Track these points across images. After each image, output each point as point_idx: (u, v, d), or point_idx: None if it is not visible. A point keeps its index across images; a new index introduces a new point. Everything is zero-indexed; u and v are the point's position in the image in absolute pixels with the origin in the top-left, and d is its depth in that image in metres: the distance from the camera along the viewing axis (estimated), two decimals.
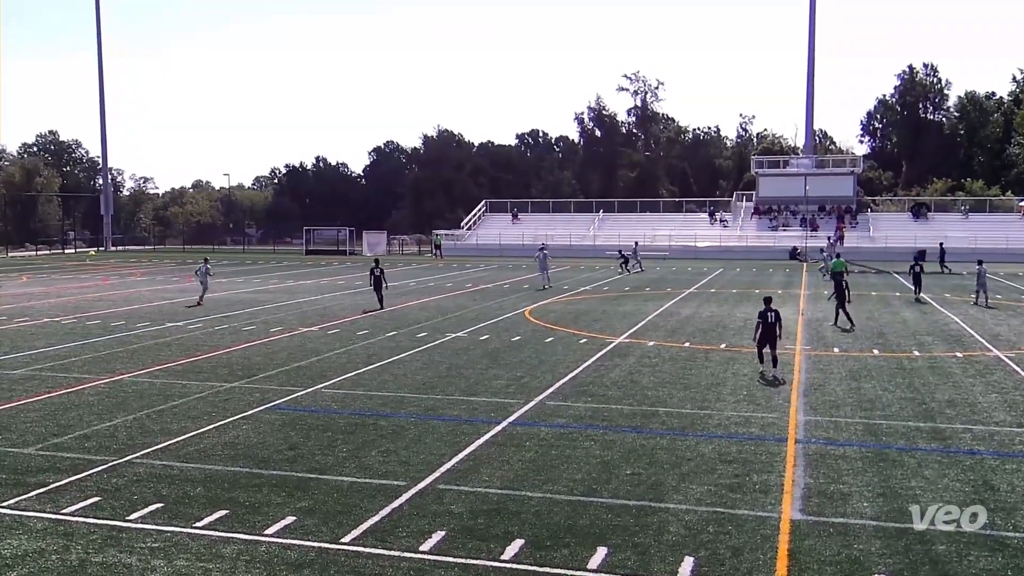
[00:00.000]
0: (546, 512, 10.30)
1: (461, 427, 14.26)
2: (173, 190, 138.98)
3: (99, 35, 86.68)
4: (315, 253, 75.96)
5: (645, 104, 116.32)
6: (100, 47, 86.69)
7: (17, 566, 8.74)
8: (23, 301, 34.33)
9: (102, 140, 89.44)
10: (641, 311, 30.34)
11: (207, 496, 10.83)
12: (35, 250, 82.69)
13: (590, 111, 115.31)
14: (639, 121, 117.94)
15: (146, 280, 45.40)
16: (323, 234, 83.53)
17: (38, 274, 51.43)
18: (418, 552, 9.10)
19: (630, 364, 19.96)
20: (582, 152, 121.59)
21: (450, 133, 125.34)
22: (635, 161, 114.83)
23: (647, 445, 13.21)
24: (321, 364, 19.93)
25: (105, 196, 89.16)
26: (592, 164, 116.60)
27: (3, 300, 34.77)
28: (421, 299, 34.81)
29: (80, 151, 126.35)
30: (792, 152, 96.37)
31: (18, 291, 39.15)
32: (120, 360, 20.40)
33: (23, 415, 15.00)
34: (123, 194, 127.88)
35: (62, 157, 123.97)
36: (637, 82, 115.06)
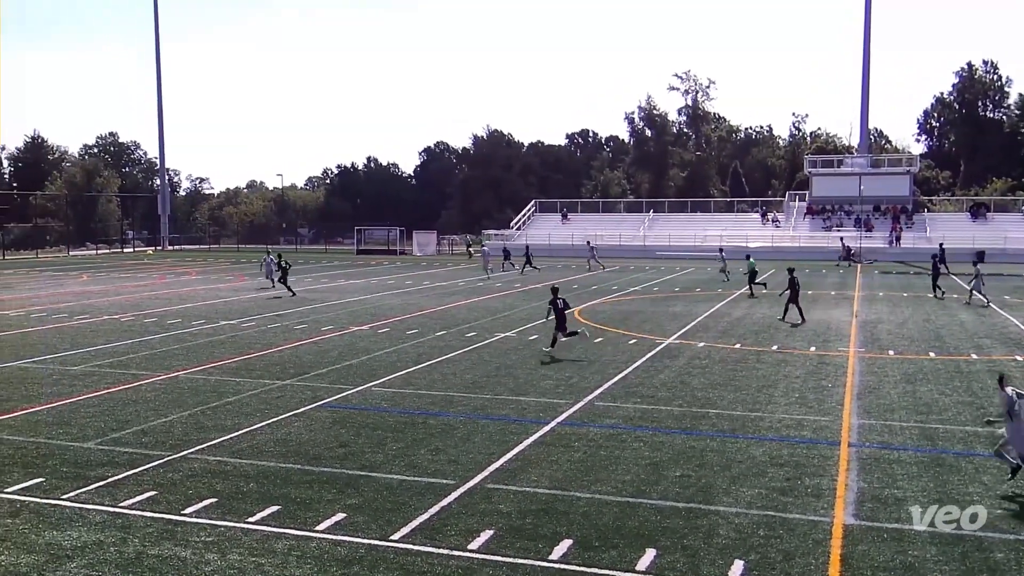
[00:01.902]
0: (594, 513, 10.28)
1: (510, 427, 14.29)
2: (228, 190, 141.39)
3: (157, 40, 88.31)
4: (366, 253, 76.63)
5: (696, 103, 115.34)
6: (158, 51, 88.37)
7: (77, 557, 8.96)
8: (84, 299, 35.18)
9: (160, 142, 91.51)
10: (691, 312, 30.10)
11: (259, 492, 11.00)
12: (95, 249, 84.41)
13: (640, 111, 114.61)
14: (690, 120, 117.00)
15: (201, 279, 46.20)
16: (373, 234, 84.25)
17: (98, 273, 52.64)
18: (466, 551, 9.14)
19: (680, 365, 19.82)
20: (632, 152, 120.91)
21: (500, 133, 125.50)
22: (686, 161, 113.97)
23: (697, 447, 13.11)
24: (371, 363, 20.11)
25: (162, 196, 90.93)
26: (642, 164, 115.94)
27: (65, 298, 35.68)
28: (470, 299, 34.94)
29: (139, 152, 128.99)
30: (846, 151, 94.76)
31: (79, 289, 40.13)
32: (176, 357, 20.81)
33: (83, 410, 15.37)
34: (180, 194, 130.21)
35: (121, 158, 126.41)
36: (688, 81, 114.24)
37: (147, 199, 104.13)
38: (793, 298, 27.82)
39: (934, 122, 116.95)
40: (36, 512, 10.27)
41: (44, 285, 42.56)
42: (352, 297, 35.86)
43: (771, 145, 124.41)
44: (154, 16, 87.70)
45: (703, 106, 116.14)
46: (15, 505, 10.50)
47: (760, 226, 76.55)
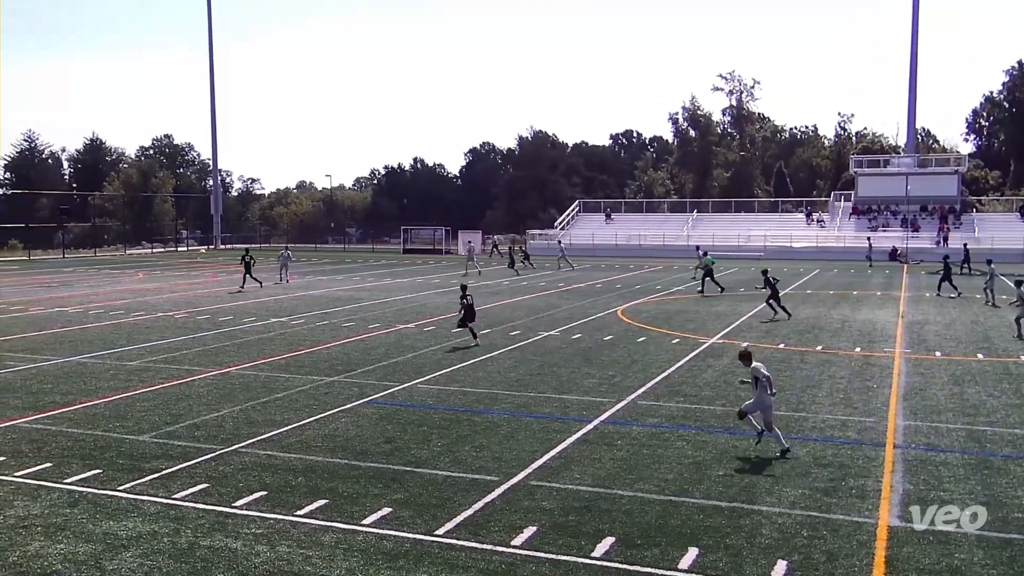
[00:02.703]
0: (637, 511, 10.33)
1: (553, 424, 14.39)
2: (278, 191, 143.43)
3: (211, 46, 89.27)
4: (412, 252, 77.10)
5: (740, 103, 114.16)
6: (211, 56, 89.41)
7: (132, 547, 9.22)
8: (139, 296, 35.94)
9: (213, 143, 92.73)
10: (735, 312, 29.93)
11: (308, 486, 11.21)
12: (151, 248, 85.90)
13: (684, 111, 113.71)
14: (734, 120, 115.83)
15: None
16: (419, 234, 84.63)
17: (153, 271, 53.67)
18: (509, 547, 9.23)
19: (723, 365, 19.76)
20: (676, 152, 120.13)
21: (544, 134, 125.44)
22: (730, 161, 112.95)
23: (740, 446, 13.09)
24: (417, 360, 20.34)
25: (215, 196, 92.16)
26: (686, 164, 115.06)
27: (121, 295, 36.48)
28: (513, 298, 35.08)
29: (192, 154, 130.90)
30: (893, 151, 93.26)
31: (135, 287, 40.98)
32: (227, 353, 21.22)
33: (139, 404, 15.78)
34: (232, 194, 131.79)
35: (176, 159, 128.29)
36: (732, 81, 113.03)
37: (200, 199, 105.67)
38: (774, 296, 28.38)
39: (983, 121, 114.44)
40: (93, 503, 10.59)
41: (102, 283, 43.52)
42: (398, 296, 36.20)
43: (816, 145, 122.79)
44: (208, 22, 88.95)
45: (747, 106, 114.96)
46: (74, 495, 10.84)
47: (805, 226, 75.62)
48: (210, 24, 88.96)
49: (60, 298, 35.55)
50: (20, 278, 47.64)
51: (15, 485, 11.23)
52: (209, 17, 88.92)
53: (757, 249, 67.20)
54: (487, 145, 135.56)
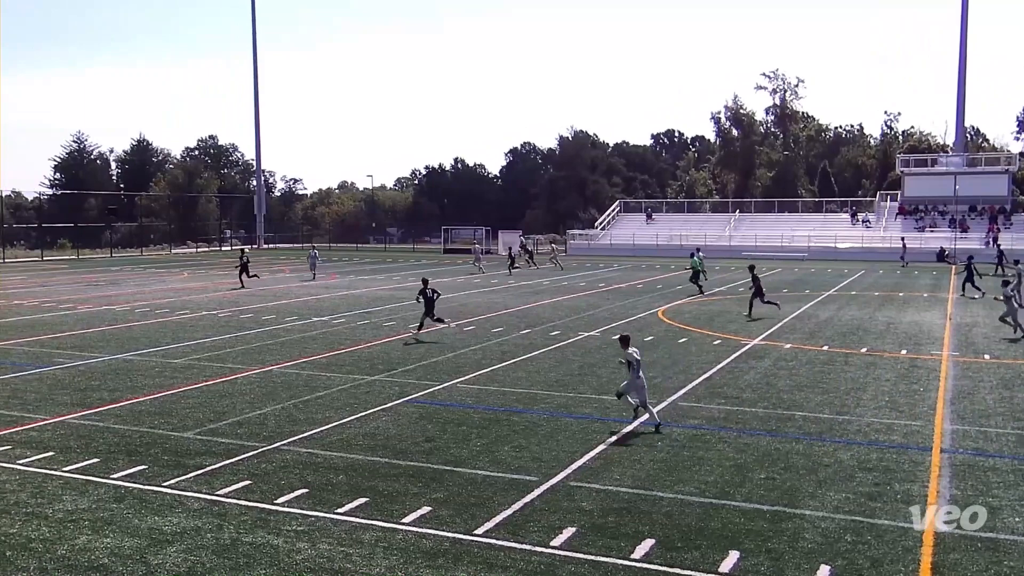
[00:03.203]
0: (677, 513, 10.25)
1: (593, 425, 14.34)
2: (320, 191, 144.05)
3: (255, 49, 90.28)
4: (452, 252, 77.30)
5: (784, 102, 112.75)
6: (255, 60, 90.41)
7: (176, 542, 9.34)
8: (184, 295, 36.48)
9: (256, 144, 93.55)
10: (778, 313, 29.56)
11: (348, 484, 11.28)
12: (195, 247, 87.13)
13: (727, 110, 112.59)
14: (777, 120, 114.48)
15: (294, 276, 47.37)
16: (460, 234, 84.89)
17: (197, 270, 54.46)
18: (548, 547, 9.20)
19: (766, 367, 19.55)
20: (718, 152, 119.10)
21: (585, 134, 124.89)
22: (773, 160, 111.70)
23: (782, 449, 12.95)
24: (457, 360, 20.39)
25: (258, 196, 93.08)
26: (728, 164, 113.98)
27: (167, 294, 37.05)
28: (554, 298, 35.03)
29: (236, 154, 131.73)
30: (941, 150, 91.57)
31: (179, 286, 41.61)
32: (270, 352, 21.45)
33: (183, 401, 16.01)
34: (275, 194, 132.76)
35: (220, 160, 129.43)
36: (776, 80, 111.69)
37: (244, 199, 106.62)
38: (756, 294, 28.85)
39: None
40: (139, 498, 10.75)
41: (148, 282, 44.24)
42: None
43: (862, 144, 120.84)
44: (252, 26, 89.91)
45: (791, 105, 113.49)
46: (120, 491, 11.02)
47: (850, 227, 74.59)
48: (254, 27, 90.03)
49: (108, 296, 36.21)
50: (69, 276, 48.64)
51: (64, 480, 11.44)
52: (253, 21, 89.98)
53: (800, 250, 66.44)
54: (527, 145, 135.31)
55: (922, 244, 64.69)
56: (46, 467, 11.98)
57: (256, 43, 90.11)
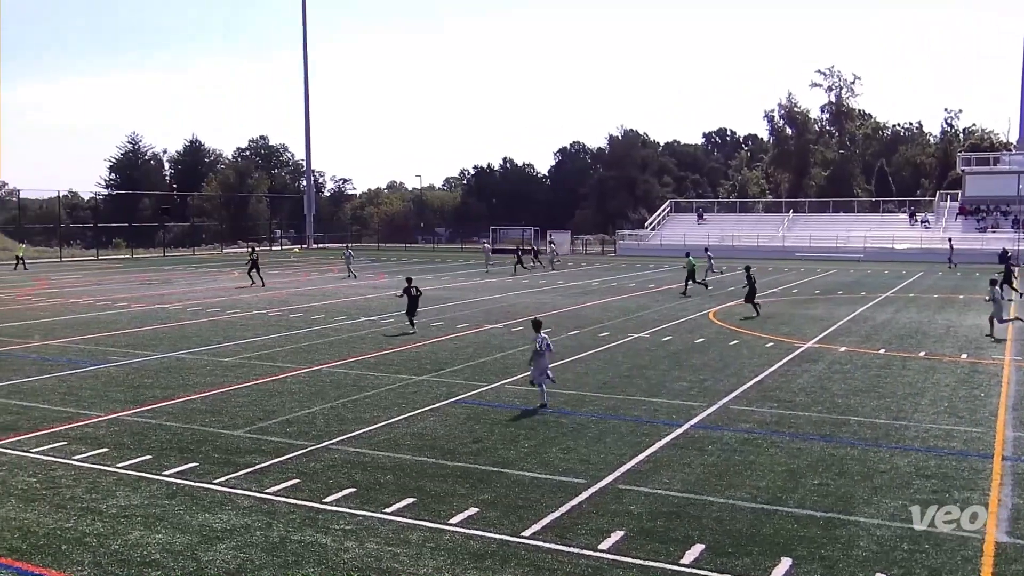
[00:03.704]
0: (728, 518, 10.08)
1: (642, 428, 14.19)
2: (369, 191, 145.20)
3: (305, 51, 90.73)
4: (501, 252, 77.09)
5: (840, 100, 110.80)
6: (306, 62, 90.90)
7: (226, 539, 9.42)
8: (235, 295, 36.97)
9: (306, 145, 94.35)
10: (832, 315, 29.08)
11: (396, 483, 11.28)
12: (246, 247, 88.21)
13: (780, 108, 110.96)
14: (833, 118, 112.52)
15: (343, 276, 47.74)
16: (508, 234, 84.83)
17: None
18: (596, 551, 9.11)
19: (819, 370, 19.19)
20: (771, 150, 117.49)
21: (635, 133, 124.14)
22: (828, 159, 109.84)
23: (836, 455, 12.67)
24: (505, 360, 20.34)
25: (308, 197, 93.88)
26: (782, 163, 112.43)
27: (218, 293, 37.60)
28: (603, 299, 34.84)
29: (287, 154, 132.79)
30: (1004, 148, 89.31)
31: (230, 285, 42.18)
32: (319, 351, 21.61)
33: (234, 399, 16.18)
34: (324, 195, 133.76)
35: (271, 160, 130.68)
36: (831, 77, 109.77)
37: (294, 199, 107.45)
38: (751, 293, 29.36)
39: None
40: (190, 495, 10.87)
41: (199, 281, 44.95)
42: (487, 296, 36.34)
43: (921, 142, 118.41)
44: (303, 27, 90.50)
45: (847, 102, 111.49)
46: (172, 487, 11.15)
47: (908, 227, 73.12)
48: (305, 29, 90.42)
49: (160, 295, 36.85)
50: (123, 275, 49.61)
51: (117, 476, 11.62)
52: (304, 22, 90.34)
53: (856, 251, 65.29)
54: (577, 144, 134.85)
55: (984, 245, 63.16)
56: (100, 463, 12.18)
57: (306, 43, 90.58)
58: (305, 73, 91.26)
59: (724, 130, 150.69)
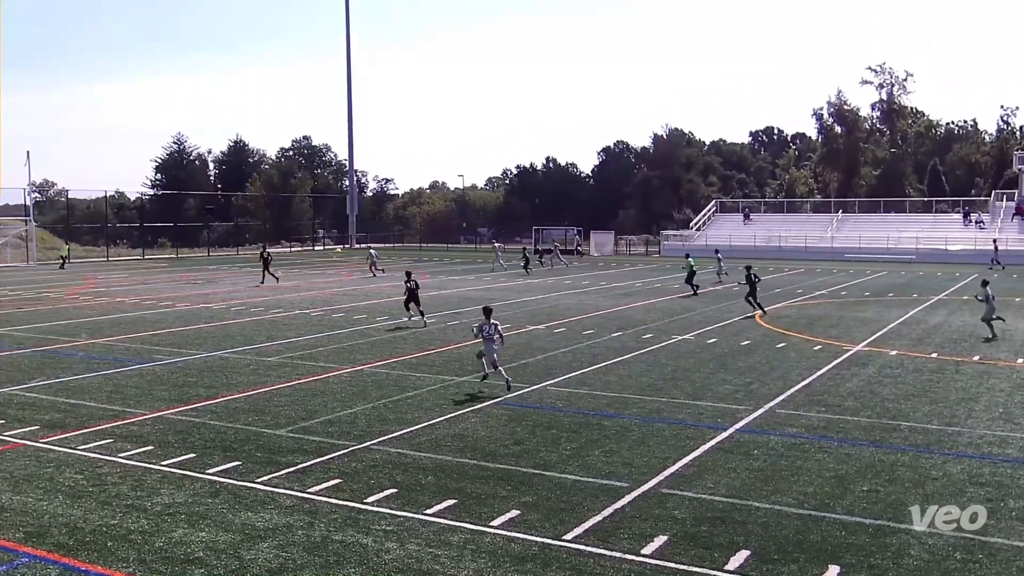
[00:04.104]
0: (774, 524, 9.88)
1: (686, 431, 14.00)
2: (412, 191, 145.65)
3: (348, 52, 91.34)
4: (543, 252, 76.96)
5: (891, 97, 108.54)
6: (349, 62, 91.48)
7: (268, 538, 9.44)
8: (277, 294, 37.31)
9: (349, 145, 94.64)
10: (883, 318, 28.53)
11: (437, 485, 11.24)
12: (289, 247, 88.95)
13: (830, 106, 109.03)
14: (884, 116, 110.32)
15: (385, 276, 47.97)
16: (551, 234, 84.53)
17: (291, 269, 55.69)
18: (639, 555, 8.98)
19: (869, 374, 18.81)
20: (820, 149, 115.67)
21: (680, 131, 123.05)
22: (879, 158, 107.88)
23: (886, 461, 12.37)
24: (547, 362, 20.23)
25: (351, 197, 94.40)
26: (831, 162, 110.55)
27: (261, 293, 38.00)
28: (647, 300, 34.57)
29: (330, 154, 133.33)
30: None
31: (274, 284, 42.59)
32: (361, 351, 21.69)
33: (276, 399, 16.27)
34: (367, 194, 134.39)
35: (314, 160, 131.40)
36: (883, 74, 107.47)
37: (337, 199, 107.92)
38: (751, 293, 29.40)
39: None
40: (233, 493, 10.92)
41: (243, 280, 45.45)
42: (529, 296, 36.25)
43: (975, 141, 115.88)
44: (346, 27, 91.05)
45: (899, 100, 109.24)
46: (215, 486, 11.22)
47: (962, 228, 71.54)
48: (348, 29, 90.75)
49: (205, 295, 37.33)
50: (168, 275, 50.42)
51: (162, 474, 11.73)
52: (347, 22, 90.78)
53: (908, 252, 64.07)
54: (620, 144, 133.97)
55: None
56: (145, 461, 12.31)
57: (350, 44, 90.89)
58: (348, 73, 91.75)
59: (771, 128, 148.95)
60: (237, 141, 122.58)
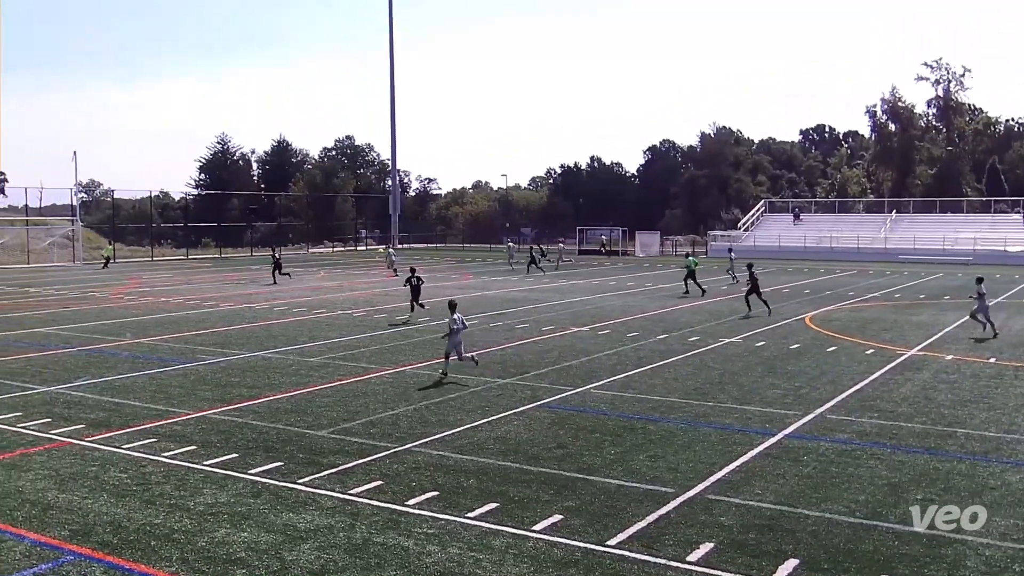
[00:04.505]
0: (824, 533, 9.61)
1: (733, 436, 13.72)
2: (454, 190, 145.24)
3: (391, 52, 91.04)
4: (587, 253, 76.76)
5: (948, 94, 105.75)
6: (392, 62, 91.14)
7: (310, 539, 9.41)
8: (320, 294, 37.56)
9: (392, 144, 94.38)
10: (938, 321, 27.84)
11: (479, 488, 11.13)
12: (331, 247, 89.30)
13: (883, 103, 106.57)
14: (940, 113, 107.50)
15: (427, 276, 47.80)
16: (595, 234, 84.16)
17: (334, 269, 56.09)
18: (684, 562, 8.80)
19: (924, 379, 18.32)
20: (873, 148, 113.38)
21: (728, 130, 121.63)
22: (934, 157, 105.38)
23: (941, 469, 12.00)
24: (591, 364, 20.03)
25: (393, 196, 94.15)
26: (885, 160, 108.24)
27: (304, 293, 38.24)
28: (694, 302, 34.15)
29: (372, 154, 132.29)
30: None
31: (316, 285, 42.92)
32: (403, 352, 21.67)
33: (318, 400, 16.28)
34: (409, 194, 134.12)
35: (356, 160, 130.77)
36: (939, 70, 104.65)
37: (379, 199, 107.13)
38: (755, 291, 29.65)
39: None
40: (275, 494, 10.91)
41: (285, 280, 45.66)
42: (573, 298, 36.03)
43: None
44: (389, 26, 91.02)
45: (956, 96, 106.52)
46: (257, 486, 11.22)
47: (1022, 228, 69.63)
48: (391, 28, 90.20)
49: (248, 295, 37.65)
50: (212, 275, 51.01)
51: (204, 473, 11.77)
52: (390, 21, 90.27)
53: (965, 253, 62.55)
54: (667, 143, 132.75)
55: None
56: (188, 460, 12.36)
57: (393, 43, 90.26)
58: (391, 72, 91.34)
59: (822, 126, 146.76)
60: (280, 141, 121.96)
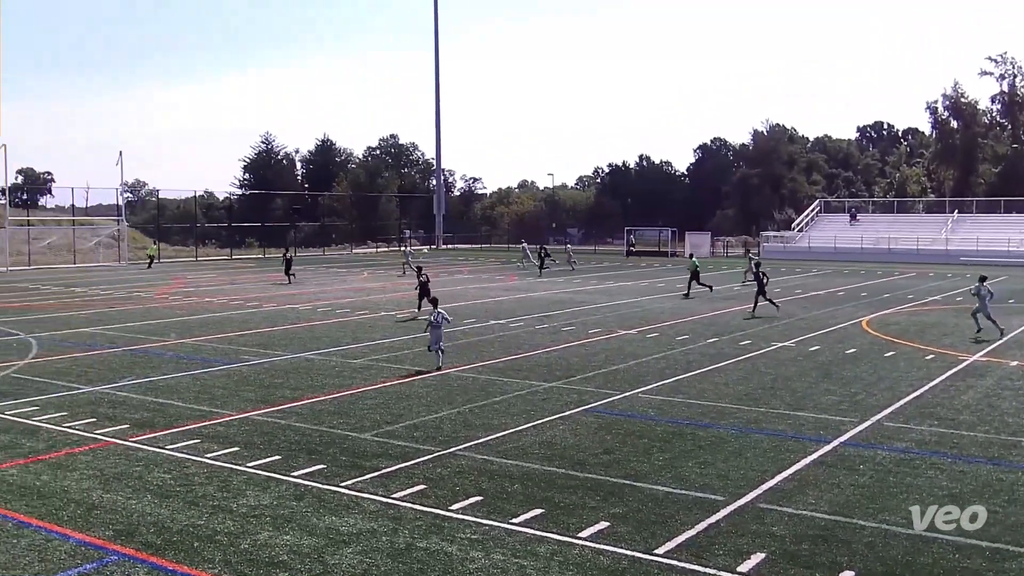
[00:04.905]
0: (881, 544, 9.27)
1: (786, 443, 13.35)
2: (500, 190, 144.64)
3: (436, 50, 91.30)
4: (635, 254, 76.10)
5: (1013, 89, 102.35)
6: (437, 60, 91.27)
7: (353, 543, 9.31)
8: (364, 295, 37.66)
9: (437, 143, 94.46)
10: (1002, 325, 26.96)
11: (524, 493, 10.95)
12: (375, 247, 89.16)
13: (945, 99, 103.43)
14: (1005, 109, 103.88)
15: (472, 277, 48.00)
16: (644, 234, 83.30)
17: (377, 269, 56.30)
18: (735, 572, 8.55)
19: (987, 386, 17.71)
20: (934, 145, 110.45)
21: (782, 127, 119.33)
22: (999, 155, 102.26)
23: (1006, 480, 11.53)
24: (639, 368, 19.72)
25: (438, 196, 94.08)
26: (946, 159, 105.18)
27: (347, 294, 38.39)
28: (745, 305, 33.56)
29: (416, 153, 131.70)
30: None
31: (360, 286, 43.07)
32: (447, 355, 21.45)
33: (361, 402, 16.21)
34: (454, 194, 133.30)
35: (401, 159, 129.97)
36: (1004, 64, 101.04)
37: (424, 199, 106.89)
38: (760, 291, 30.08)
39: None
40: (318, 497, 10.83)
41: (329, 281, 46.01)
42: (620, 300, 35.67)
43: None
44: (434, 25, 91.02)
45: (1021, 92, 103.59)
46: (300, 489, 11.15)
47: None
48: (436, 26, 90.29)
49: (291, 295, 37.83)
50: (256, 275, 51.45)
51: (247, 475, 11.73)
52: (436, 19, 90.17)
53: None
54: (718, 141, 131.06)
55: None
56: (231, 462, 12.34)
57: (438, 41, 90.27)
58: (436, 71, 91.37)
59: (880, 124, 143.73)
60: (324, 140, 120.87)
